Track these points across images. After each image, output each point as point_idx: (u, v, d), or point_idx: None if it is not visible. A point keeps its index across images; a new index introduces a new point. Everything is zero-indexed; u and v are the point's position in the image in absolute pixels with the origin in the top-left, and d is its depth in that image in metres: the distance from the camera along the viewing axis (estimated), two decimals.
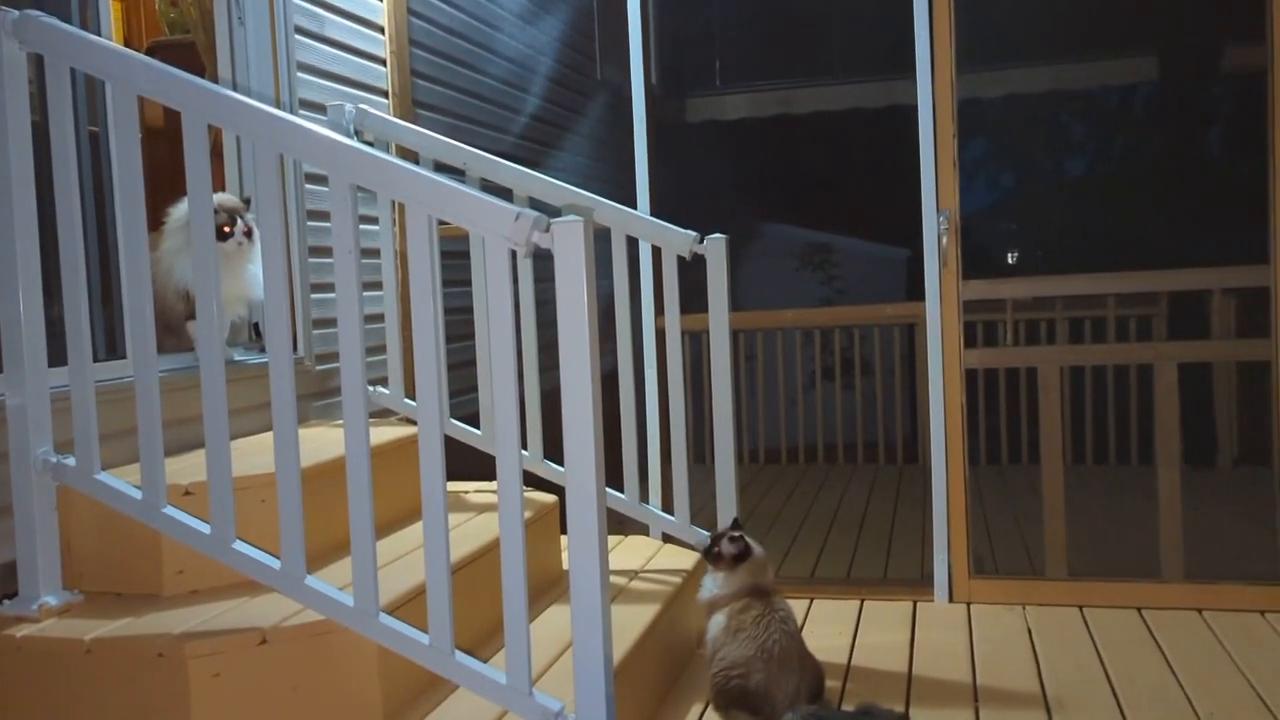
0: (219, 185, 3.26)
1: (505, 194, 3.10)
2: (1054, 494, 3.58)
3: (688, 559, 3.19)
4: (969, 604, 3.49)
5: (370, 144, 3.22)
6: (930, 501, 3.53)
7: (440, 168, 3.19)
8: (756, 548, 2.64)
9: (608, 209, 3.08)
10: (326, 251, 3.41)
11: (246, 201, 3.01)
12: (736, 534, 2.63)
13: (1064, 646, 3.07)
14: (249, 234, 2.93)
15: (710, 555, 2.63)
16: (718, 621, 2.56)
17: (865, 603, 3.56)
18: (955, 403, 3.48)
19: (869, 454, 6.37)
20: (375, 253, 3.27)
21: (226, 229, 2.88)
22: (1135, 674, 2.84)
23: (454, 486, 3.25)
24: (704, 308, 3.11)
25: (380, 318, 3.28)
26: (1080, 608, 3.40)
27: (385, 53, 3.92)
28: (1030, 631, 3.22)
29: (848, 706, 2.64)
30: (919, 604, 3.51)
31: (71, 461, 2.22)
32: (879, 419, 6.40)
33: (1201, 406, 5.27)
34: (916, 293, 3.57)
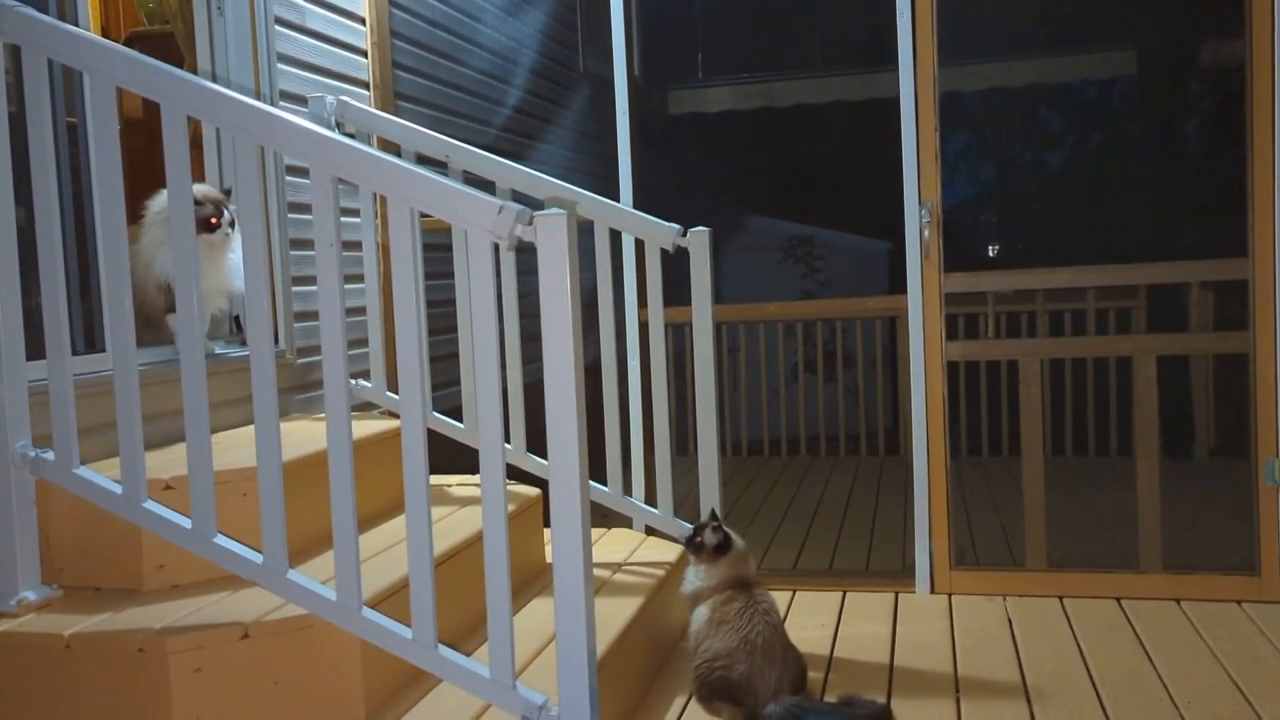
0: (198, 176, 3.24)
1: (488, 186, 3.09)
2: (1034, 485, 3.60)
3: (671, 551, 3.20)
4: (950, 595, 3.51)
5: (352, 136, 3.20)
6: (911, 493, 3.55)
7: (422, 160, 3.18)
8: (738, 539, 2.65)
9: (591, 202, 3.08)
10: (308, 244, 3.39)
11: (227, 192, 2.99)
12: (716, 524, 2.64)
13: (1044, 637, 3.10)
14: (233, 224, 2.91)
15: (692, 545, 2.64)
16: (701, 614, 2.57)
17: (847, 594, 3.58)
18: (936, 395, 3.50)
19: (851, 446, 6.40)
20: (357, 245, 3.26)
21: (214, 220, 2.86)
22: (1114, 663, 2.87)
23: (437, 480, 3.24)
24: (687, 300, 3.11)
25: (362, 310, 3.27)
26: (1060, 598, 3.43)
27: (366, 44, 3.90)
28: (1010, 622, 3.24)
29: (830, 698, 2.65)
30: (900, 595, 3.53)
31: (50, 456, 2.20)
32: (861, 411, 6.43)
33: (1180, 398, 5.32)
34: (898, 285, 3.59)
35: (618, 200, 3.62)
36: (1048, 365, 3.64)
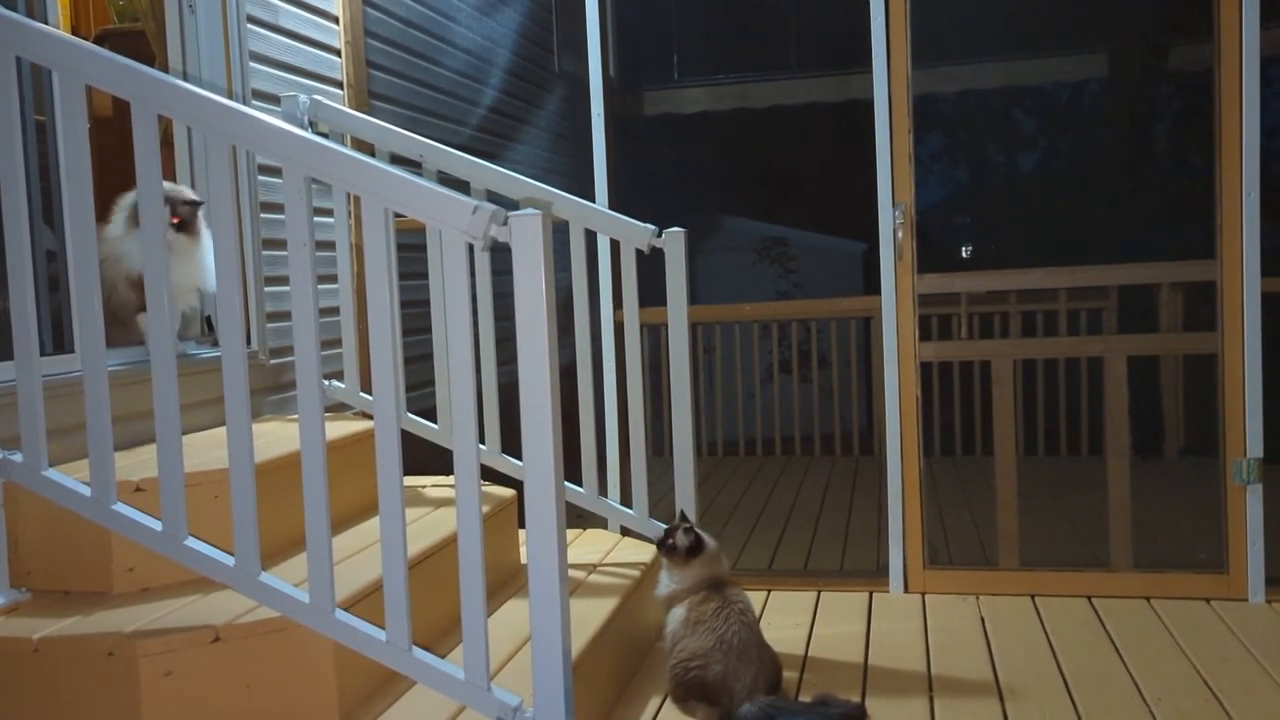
0: (169, 175, 3.21)
1: (462, 187, 3.08)
2: (1007, 485, 3.63)
3: (646, 552, 3.20)
4: (923, 594, 3.53)
5: (325, 136, 3.18)
6: (885, 493, 3.57)
7: (396, 160, 3.16)
8: (710, 540, 2.66)
9: (566, 202, 3.08)
10: (280, 244, 3.36)
11: (193, 204, 2.96)
12: (688, 525, 2.65)
13: (1016, 635, 3.12)
14: (183, 227, 2.89)
15: (665, 548, 2.63)
16: (677, 614, 2.57)
17: (822, 594, 3.59)
18: (910, 395, 3.52)
19: (825, 446, 6.42)
20: (330, 245, 3.23)
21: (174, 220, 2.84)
22: (1085, 661, 2.89)
23: (411, 481, 3.23)
24: (662, 301, 3.11)
25: (335, 311, 3.25)
26: (1032, 597, 3.46)
27: (340, 43, 3.87)
28: (983, 621, 3.26)
29: (804, 697, 2.66)
30: (875, 595, 3.55)
31: (18, 458, 2.18)
32: (835, 412, 6.46)
33: (1150, 399, 5.38)
34: (872, 286, 3.60)
35: (593, 201, 3.62)
36: (1020, 366, 3.67)
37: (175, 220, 2.87)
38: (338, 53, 3.86)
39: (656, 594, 2.67)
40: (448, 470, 2.01)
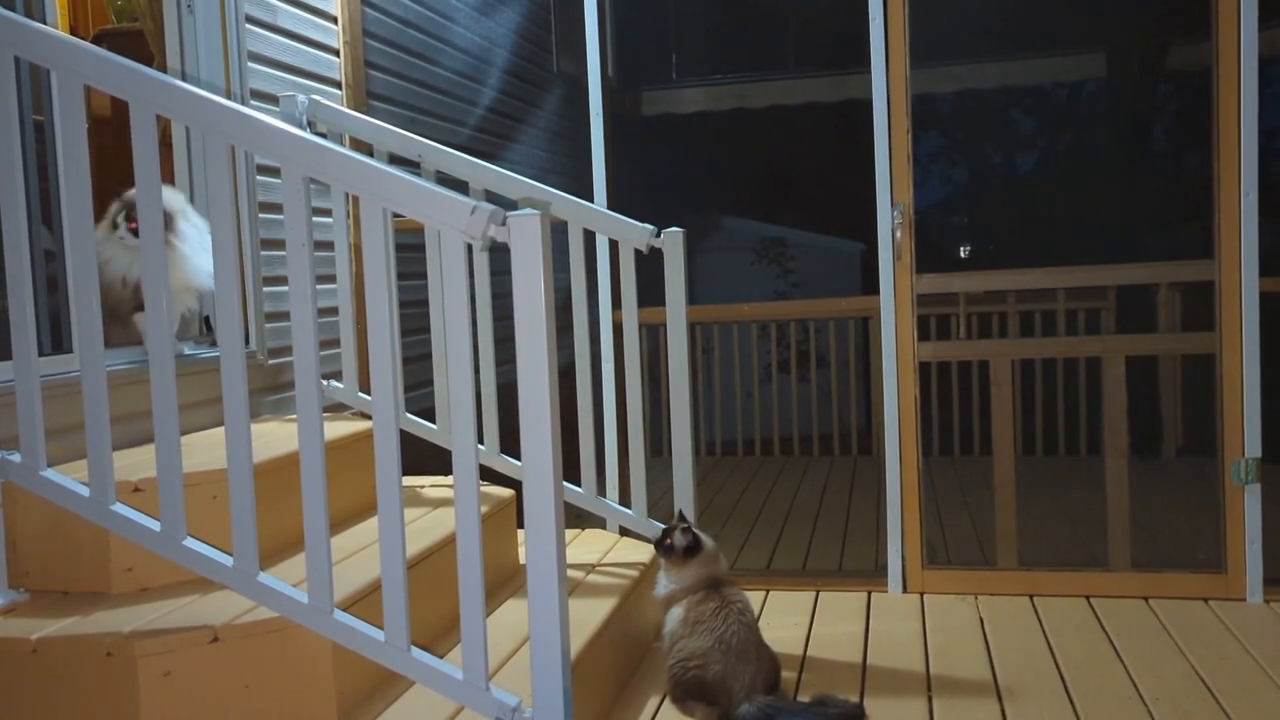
0: (167, 176, 3.21)
1: (461, 187, 3.08)
2: (1005, 485, 3.63)
3: (645, 552, 3.20)
4: (922, 594, 3.53)
5: (323, 136, 3.18)
6: (884, 493, 3.57)
7: (395, 160, 3.16)
8: (707, 540, 2.66)
9: (565, 202, 3.08)
10: (279, 244, 3.37)
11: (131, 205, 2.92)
12: (685, 525, 2.65)
13: (1015, 635, 3.12)
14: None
15: (662, 548, 2.63)
16: (675, 614, 2.57)
17: (820, 594, 3.59)
18: (909, 395, 3.52)
19: (824, 446, 6.43)
20: (329, 245, 3.23)
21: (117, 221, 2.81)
22: (1084, 661, 2.90)
23: (409, 481, 3.23)
24: (661, 301, 3.11)
25: (334, 311, 3.25)
26: (1030, 597, 3.46)
27: (339, 43, 3.87)
28: (982, 621, 3.27)
29: (803, 697, 2.66)
30: (873, 595, 3.55)
31: (17, 458, 2.17)
32: (834, 411, 6.46)
33: (1148, 399, 5.39)
34: (871, 286, 3.60)
35: (591, 201, 3.62)
36: (1018, 365, 3.67)
37: (134, 226, 2.83)
38: (336, 53, 3.86)
39: (655, 594, 2.67)
40: (446, 470, 2.01)
